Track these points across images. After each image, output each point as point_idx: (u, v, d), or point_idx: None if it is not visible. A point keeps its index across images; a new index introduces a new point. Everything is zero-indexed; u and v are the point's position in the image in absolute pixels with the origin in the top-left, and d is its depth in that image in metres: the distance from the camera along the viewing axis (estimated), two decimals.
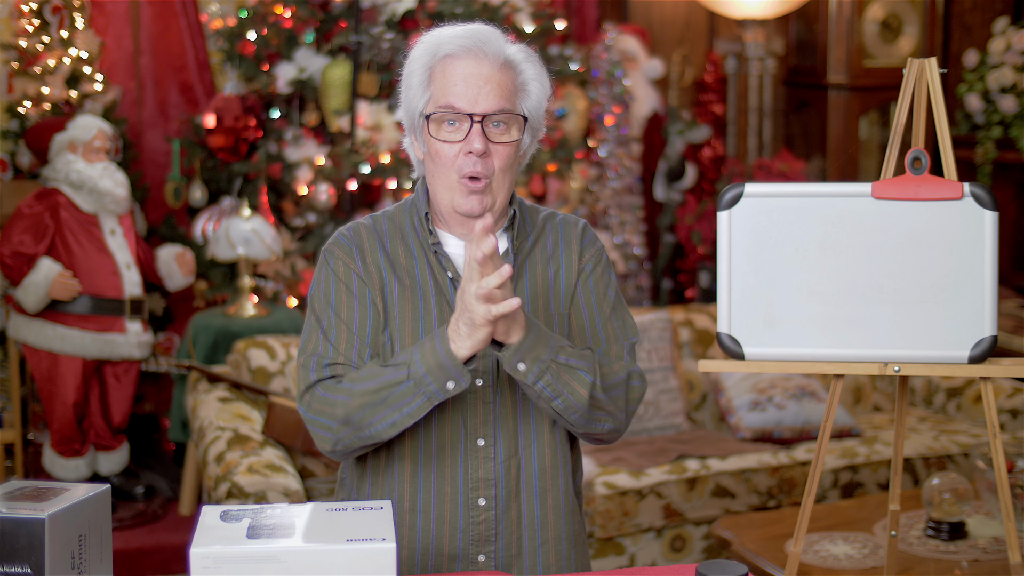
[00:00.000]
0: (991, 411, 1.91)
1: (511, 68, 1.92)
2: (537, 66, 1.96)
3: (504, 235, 2.01)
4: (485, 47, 1.90)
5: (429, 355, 1.82)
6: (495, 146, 1.91)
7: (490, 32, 1.93)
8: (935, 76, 1.92)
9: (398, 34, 4.57)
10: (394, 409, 1.85)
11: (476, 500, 1.95)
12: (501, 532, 1.97)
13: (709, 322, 4.48)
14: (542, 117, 1.99)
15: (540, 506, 1.99)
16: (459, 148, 1.90)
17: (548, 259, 2.02)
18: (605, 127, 5.27)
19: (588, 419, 1.92)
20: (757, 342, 1.93)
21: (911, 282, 1.90)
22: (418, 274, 1.97)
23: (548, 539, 2.00)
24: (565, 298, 2.01)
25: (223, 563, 1.48)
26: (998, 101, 5.49)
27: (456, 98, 1.89)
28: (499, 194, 1.94)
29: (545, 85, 1.97)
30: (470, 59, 1.90)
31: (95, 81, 4.62)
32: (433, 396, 1.83)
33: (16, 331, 4.25)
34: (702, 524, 3.78)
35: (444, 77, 1.91)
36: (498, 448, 1.96)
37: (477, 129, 1.89)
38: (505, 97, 1.90)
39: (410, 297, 1.96)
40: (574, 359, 1.88)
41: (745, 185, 1.93)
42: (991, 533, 3.15)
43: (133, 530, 4.21)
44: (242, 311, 4.41)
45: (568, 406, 1.89)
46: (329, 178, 4.54)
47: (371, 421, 1.87)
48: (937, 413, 4.49)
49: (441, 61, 1.91)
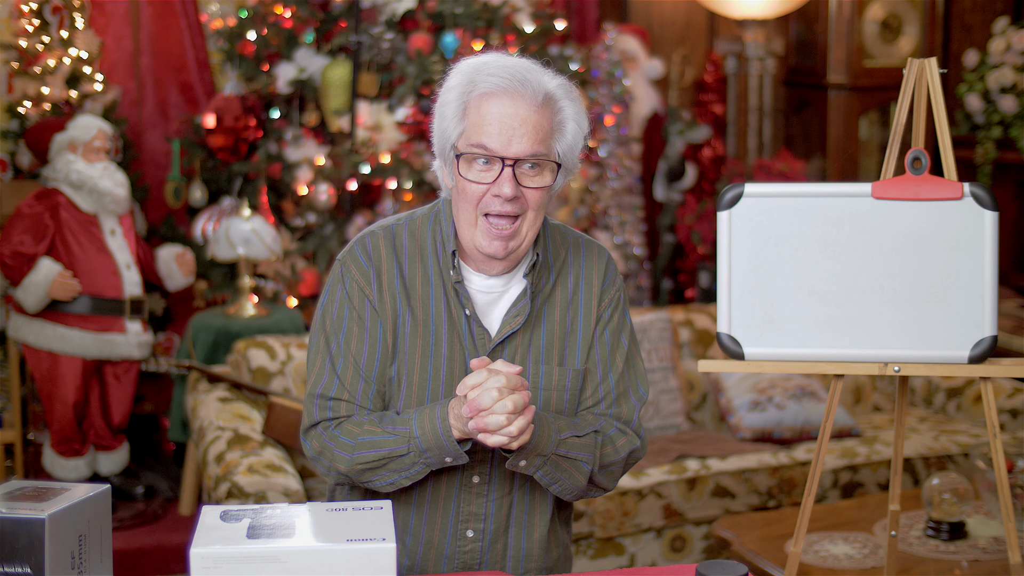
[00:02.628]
0: (991, 411, 1.91)
1: (549, 106, 1.87)
2: (576, 103, 1.91)
3: (524, 279, 1.97)
4: (523, 87, 1.84)
5: (430, 434, 1.84)
6: (525, 190, 1.86)
7: (528, 68, 1.86)
8: (935, 76, 1.92)
9: (398, 34, 4.58)
10: (394, 472, 1.89)
11: (464, 531, 1.97)
12: (485, 562, 1.99)
13: (709, 322, 4.48)
14: (577, 156, 1.93)
15: (527, 539, 2.01)
16: (487, 189, 1.86)
17: (568, 303, 2.00)
18: (605, 127, 5.27)
19: (582, 495, 1.98)
20: (757, 342, 1.93)
21: (911, 282, 1.90)
22: (432, 307, 1.94)
23: (531, 569, 2.02)
24: (582, 353, 2.00)
25: (223, 563, 1.48)
26: (998, 101, 5.49)
27: (489, 138, 1.84)
28: (528, 234, 1.90)
29: (582, 124, 1.91)
30: (507, 99, 1.83)
31: (95, 81, 4.62)
32: (432, 465, 1.88)
33: (16, 331, 4.25)
34: (702, 524, 3.78)
35: (479, 115, 1.85)
36: (492, 485, 1.97)
37: (508, 173, 1.84)
38: (539, 141, 1.85)
39: (422, 333, 1.94)
40: (574, 451, 1.91)
41: (745, 185, 1.93)
42: (991, 533, 3.15)
43: (133, 530, 4.21)
44: (242, 311, 4.41)
45: (564, 489, 1.95)
46: (329, 178, 4.54)
47: (371, 479, 1.91)
48: (937, 413, 4.49)
49: (477, 98, 1.85)
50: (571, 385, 1.98)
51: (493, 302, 1.96)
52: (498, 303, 1.96)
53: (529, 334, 1.96)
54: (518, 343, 1.96)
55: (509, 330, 1.94)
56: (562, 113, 1.89)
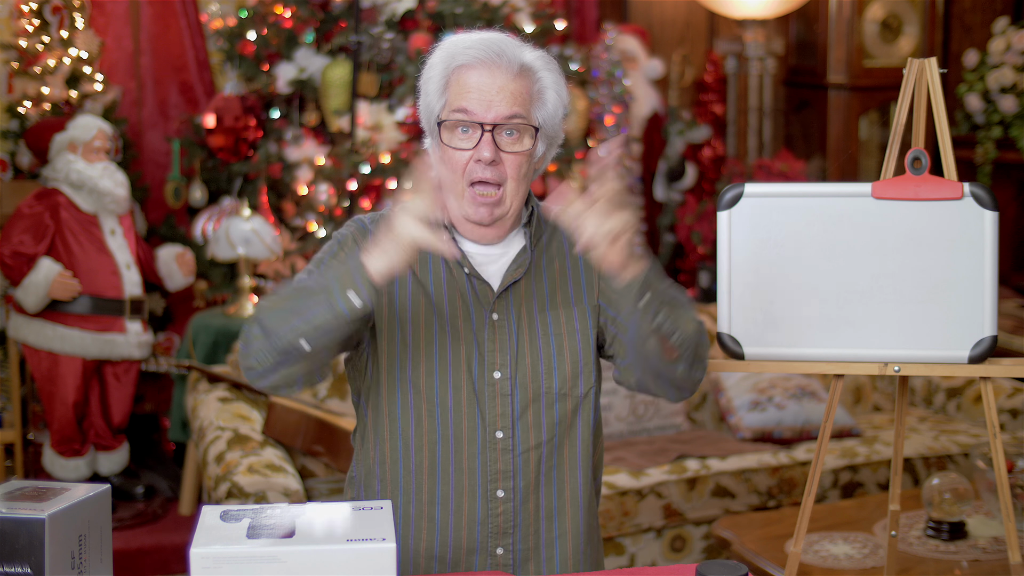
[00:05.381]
0: (991, 411, 1.91)
1: (527, 76, 1.93)
2: (555, 74, 1.97)
3: (522, 231, 2.01)
4: (499, 57, 1.90)
5: (342, 264, 1.80)
6: (506, 155, 1.91)
7: (505, 41, 1.93)
8: (935, 76, 1.92)
9: (398, 34, 4.58)
10: (298, 315, 1.79)
11: (495, 492, 1.95)
12: (519, 524, 1.97)
13: (709, 322, 4.47)
14: (559, 125, 1.99)
15: (558, 497, 1.99)
16: (470, 155, 1.91)
17: (566, 254, 2.02)
18: (605, 127, 5.27)
19: (693, 359, 1.88)
20: (757, 342, 1.93)
21: (911, 282, 1.90)
22: (431, 268, 1.98)
23: (565, 531, 2.00)
24: (588, 290, 2.01)
25: (223, 563, 1.48)
26: (998, 101, 5.49)
27: (469, 103, 1.90)
28: (512, 202, 1.94)
29: (562, 94, 1.97)
30: (484, 70, 1.90)
31: (95, 81, 4.62)
32: (335, 305, 1.77)
33: (16, 331, 4.25)
34: (702, 524, 3.78)
35: (459, 85, 1.92)
36: (516, 440, 1.96)
37: (488, 138, 1.89)
38: (519, 104, 1.91)
39: (423, 292, 1.96)
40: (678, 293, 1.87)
41: (745, 185, 1.93)
42: (991, 533, 3.15)
43: (133, 530, 4.21)
44: (242, 311, 4.41)
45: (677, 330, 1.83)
46: (329, 178, 4.54)
47: (278, 326, 1.81)
48: (937, 413, 4.49)
49: (456, 70, 1.92)
50: (580, 326, 1.98)
51: (492, 262, 1.99)
52: (497, 262, 1.99)
53: (531, 282, 1.98)
54: (522, 291, 1.98)
55: (511, 279, 1.96)
56: (541, 83, 1.95)
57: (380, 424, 1.99)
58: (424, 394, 1.95)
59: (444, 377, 1.95)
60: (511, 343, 1.95)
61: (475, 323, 1.95)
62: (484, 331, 1.95)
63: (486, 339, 1.95)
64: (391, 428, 1.98)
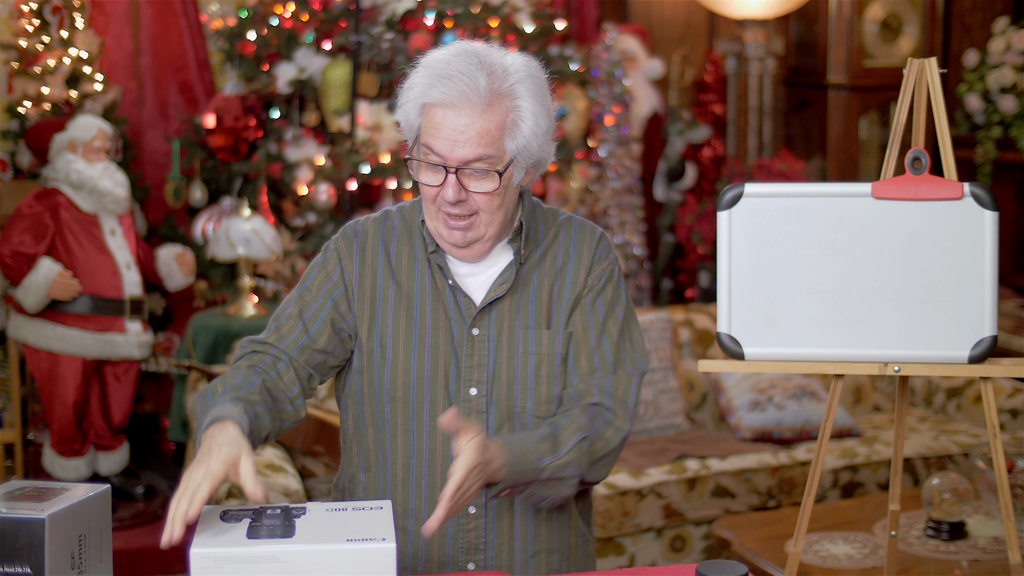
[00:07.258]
0: (991, 411, 1.91)
1: (499, 105, 1.84)
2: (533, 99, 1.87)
3: (508, 247, 1.98)
4: (468, 95, 1.82)
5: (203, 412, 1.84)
6: (472, 194, 1.87)
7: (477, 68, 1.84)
8: (935, 76, 1.92)
9: (398, 34, 4.57)
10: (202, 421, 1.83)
11: (466, 508, 1.94)
12: (491, 541, 1.96)
13: (709, 322, 4.48)
14: (544, 139, 1.90)
15: (534, 516, 1.99)
16: (438, 192, 1.89)
17: (557, 272, 1.99)
18: (605, 127, 5.27)
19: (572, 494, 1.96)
20: (757, 342, 1.93)
21: (911, 282, 1.89)
22: (417, 279, 1.97)
23: (540, 551, 2.00)
24: (565, 315, 1.99)
25: (223, 563, 1.48)
26: (998, 101, 5.49)
27: (436, 142, 1.85)
28: (488, 229, 1.92)
29: (540, 119, 1.88)
30: (450, 112, 1.83)
31: (95, 81, 4.62)
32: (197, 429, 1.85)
33: (16, 331, 4.25)
34: (702, 524, 3.78)
35: (428, 120, 1.87)
36: None
37: (452, 180, 1.85)
38: (484, 144, 1.84)
39: (406, 304, 1.96)
40: (560, 471, 1.88)
41: (745, 185, 1.92)
42: (991, 533, 3.15)
43: (133, 530, 4.21)
44: (242, 311, 4.41)
45: (555, 501, 1.93)
46: (329, 178, 4.54)
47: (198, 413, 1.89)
48: (937, 413, 4.49)
49: (429, 105, 1.86)
50: (560, 349, 1.97)
51: (477, 275, 1.98)
52: (481, 276, 1.98)
53: (517, 300, 1.96)
54: (505, 308, 1.96)
55: (494, 295, 1.95)
56: (516, 111, 1.86)
57: (362, 433, 2.00)
58: (400, 407, 1.95)
59: (421, 391, 1.94)
60: (489, 360, 1.93)
61: (455, 337, 1.94)
62: (464, 346, 1.94)
63: (464, 355, 1.94)
64: (373, 437, 1.99)
